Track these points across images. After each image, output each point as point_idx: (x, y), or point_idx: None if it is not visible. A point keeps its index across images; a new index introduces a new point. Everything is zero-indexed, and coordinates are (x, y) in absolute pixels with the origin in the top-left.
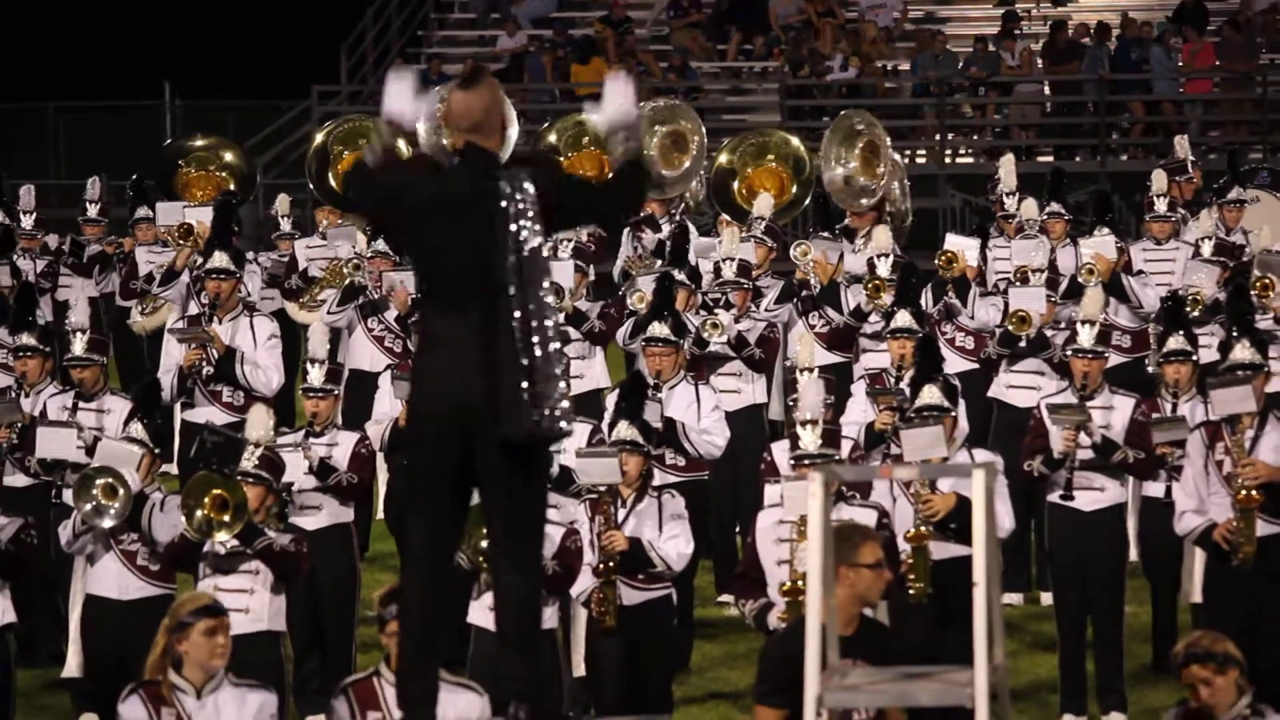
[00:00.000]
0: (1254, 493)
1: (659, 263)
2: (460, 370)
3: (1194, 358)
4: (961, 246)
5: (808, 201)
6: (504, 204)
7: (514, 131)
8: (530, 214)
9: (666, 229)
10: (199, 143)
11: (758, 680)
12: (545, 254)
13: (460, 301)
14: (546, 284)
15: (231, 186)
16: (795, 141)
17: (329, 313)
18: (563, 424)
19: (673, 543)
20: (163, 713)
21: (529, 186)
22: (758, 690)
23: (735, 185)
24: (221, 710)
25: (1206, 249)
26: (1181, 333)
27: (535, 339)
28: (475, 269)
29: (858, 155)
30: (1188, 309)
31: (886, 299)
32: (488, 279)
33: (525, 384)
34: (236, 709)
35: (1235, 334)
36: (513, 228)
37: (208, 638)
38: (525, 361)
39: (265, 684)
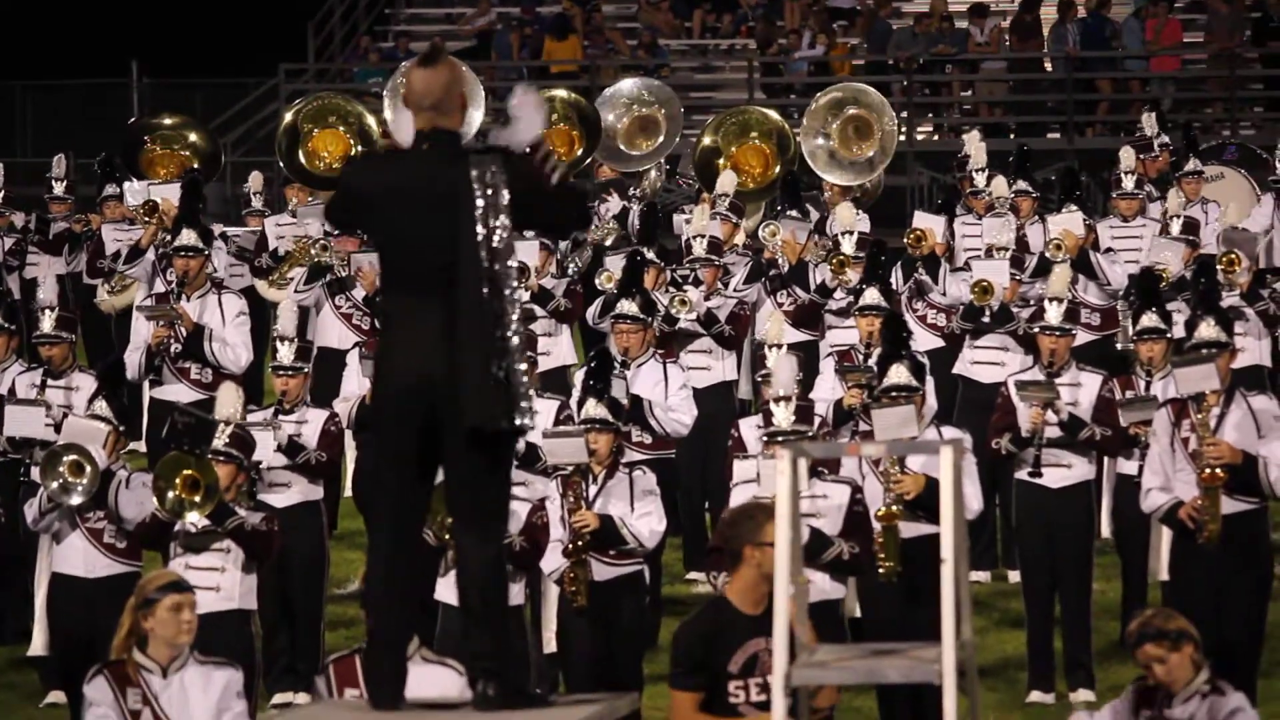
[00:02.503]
0: (1219, 471)
1: (617, 230)
2: (423, 350)
3: (1168, 335)
4: (929, 224)
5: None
6: (475, 192)
7: (478, 113)
8: (501, 205)
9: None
10: (167, 121)
11: (672, 664)
12: (513, 244)
13: (424, 286)
14: (514, 274)
15: (196, 165)
16: (775, 115)
17: (296, 291)
18: (528, 419)
19: (645, 520)
20: (128, 693)
21: (501, 177)
22: (672, 675)
23: (720, 163)
24: (188, 689)
25: (1175, 227)
26: (1155, 310)
27: (502, 331)
28: (441, 255)
29: (837, 130)
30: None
31: (851, 275)
32: (454, 267)
33: (491, 377)
34: (203, 687)
35: (1200, 311)
36: (481, 217)
37: (173, 614)
38: (491, 354)
39: (231, 661)
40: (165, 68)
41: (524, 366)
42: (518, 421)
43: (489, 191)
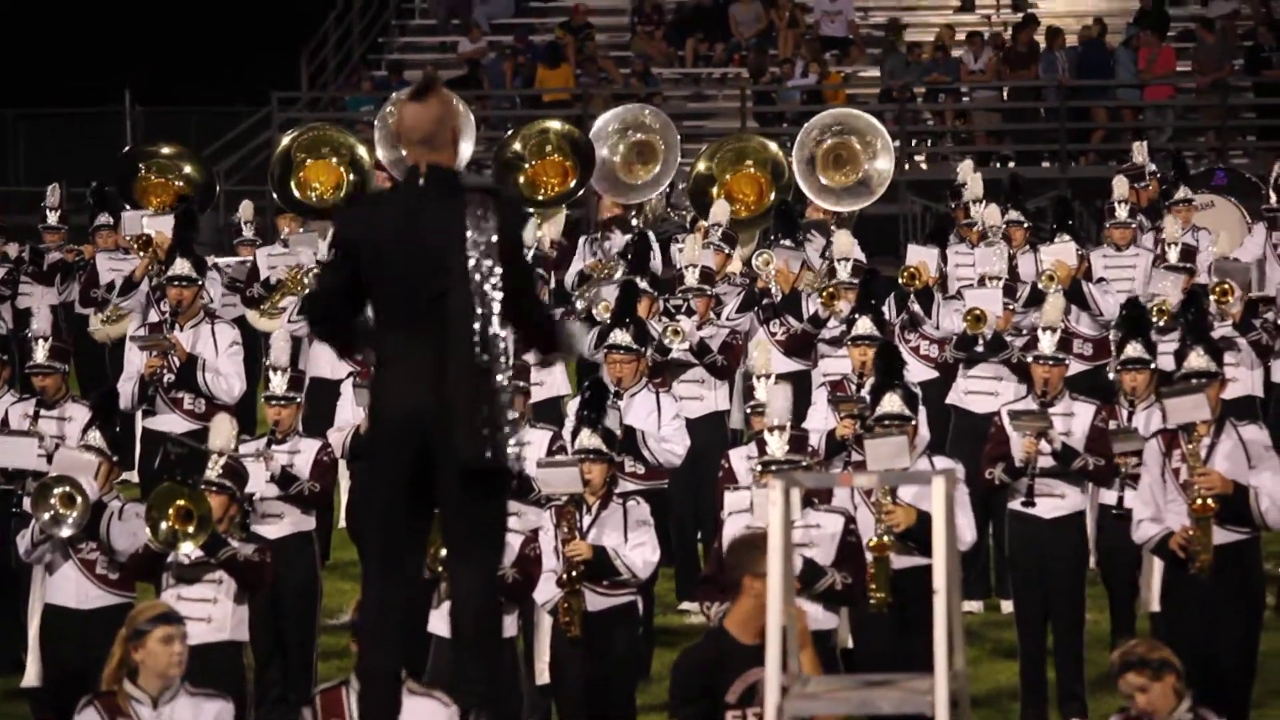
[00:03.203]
0: (1210, 501)
1: (621, 265)
2: (416, 385)
3: (1152, 365)
4: (922, 258)
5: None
6: (467, 227)
7: (468, 147)
8: (492, 242)
9: (620, 239)
10: (164, 150)
11: (670, 695)
12: (501, 284)
13: (417, 322)
14: (502, 314)
15: (190, 195)
16: (773, 147)
17: (290, 321)
18: (513, 458)
19: (639, 550)
20: None
21: (492, 218)
22: (671, 705)
23: (714, 191)
24: (178, 718)
25: (1172, 255)
26: (1140, 340)
27: (490, 368)
28: (433, 291)
29: (823, 153)
30: (1152, 317)
31: (842, 305)
32: (444, 305)
33: (477, 415)
34: (193, 718)
35: (1189, 341)
36: (472, 259)
37: (164, 645)
38: (479, 392)
39: (221, 693)
40: (158, 96)
41: (512, 403)
42: (503, 460)
43: (480, 228)
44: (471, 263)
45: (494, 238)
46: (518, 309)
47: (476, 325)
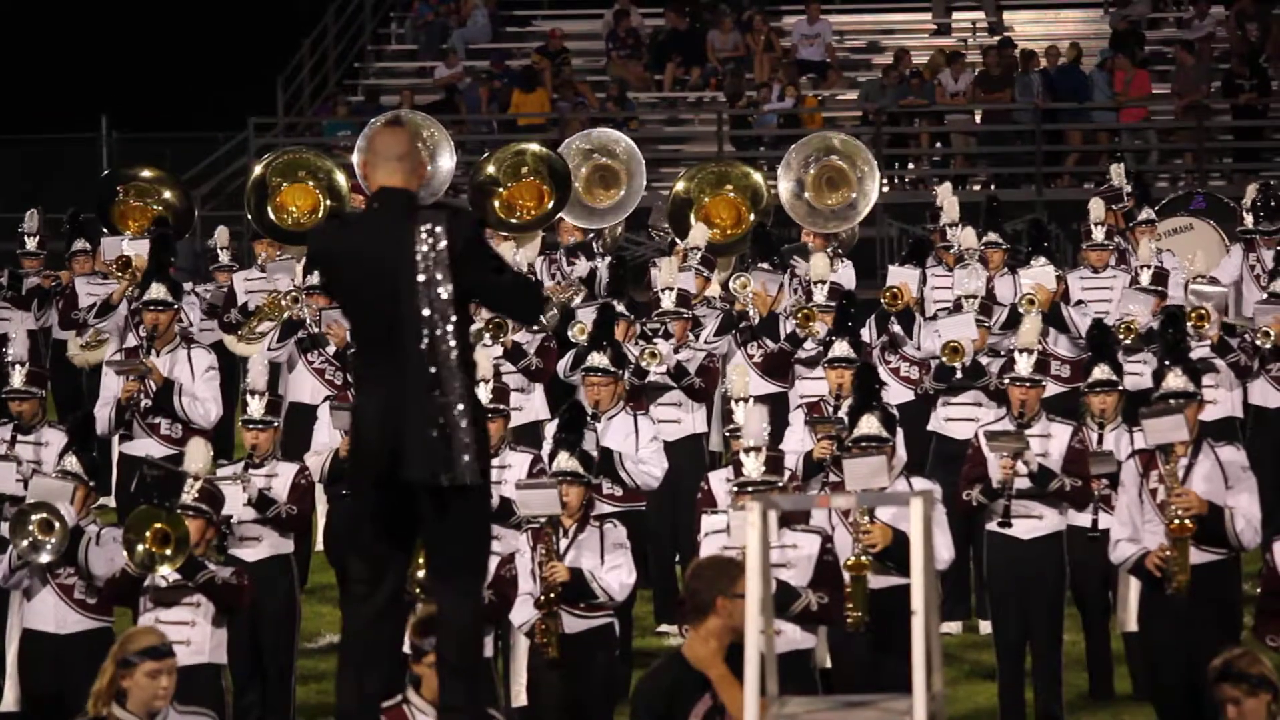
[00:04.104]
0: (1187, 522)
1: (583, 291)
2: (384, 409)
3: (1120, 387)
4: (904, 279)
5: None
6: (417, 250)
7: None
8: (443, 260)
9: (585, 264)
10: (144, 174)
11: (631, 718)
12: (456, 302)
13: (382, 345)
14: (455, 331)
15: (167, 219)
16: (756, 176)
17: (270, 348)
18: (467, 475)
19: (615, 573)
20: None
21: (441, 233)
22: None
23: (691, 214)
24: None
25: (1145, 277)
26: (1106, 363)
27: (441, 388)
28: (390, 315)
29: (812, 177)
30: (1121, 338)
31: (818, 326)
32: (400, 325)
33: (433, 432)
34: None
35: (1168, 362)
36: (422, 277)
37: (151, 679)
38: (428, 410)
39: (208, 712)
40: (135, 122)
41: (465, 423)
42: (456, 478)
43: (430, 247)
44: (423, 279)
45: (442, 248)
46: (489, 302)
47: (425, 341)
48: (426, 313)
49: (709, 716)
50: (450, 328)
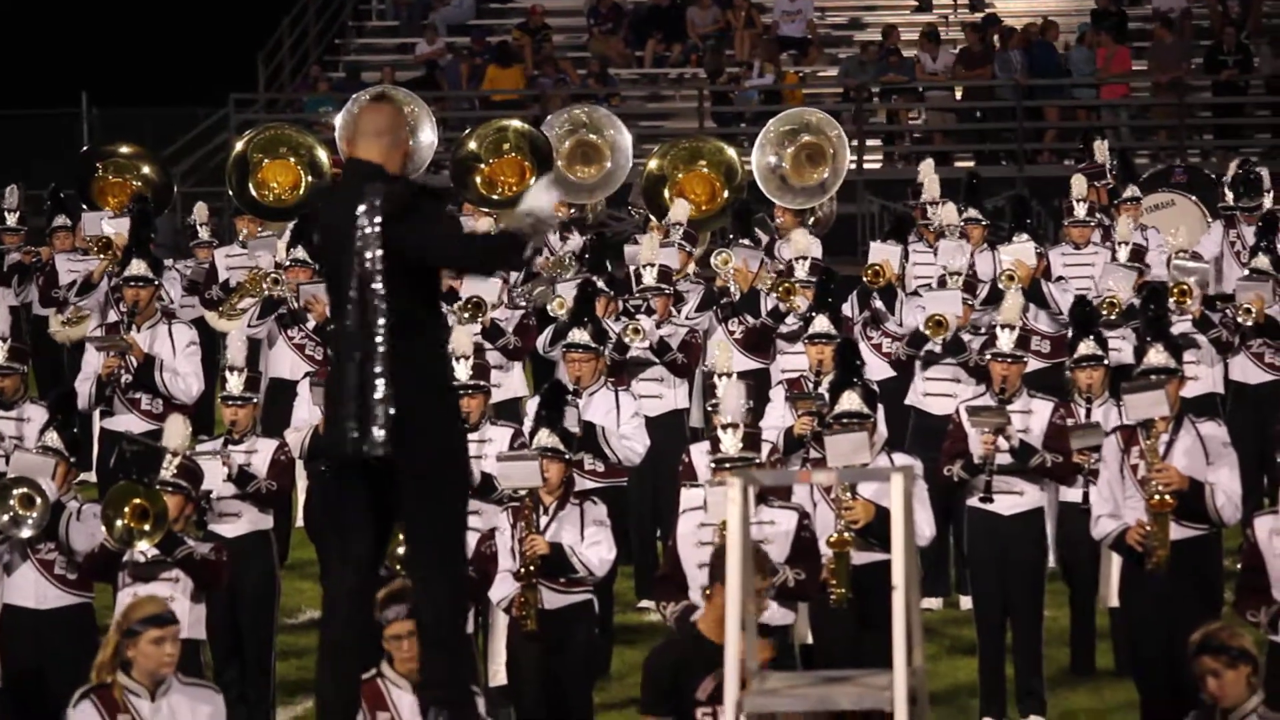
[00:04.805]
0: (1167, 497)
1: (575, 266)
2: (345, 384)
3: (1105, 362)
4: (885, 255)
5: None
6: (357, 221)
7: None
8: (376, 232)
9: (578, 239)
10: (122, 149)
11: (642, 691)
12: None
13: (341, 317)
14: (387, 297)
15: (147, 195)
16: (730, 151)
17: (250, 325)
18: (379, 449)
19: (595, 549)
20: (118, 718)
21: (379, 202)
22: (642, 701)
23: (665, 190)
24: (177, 713)
25: (1123, 253)
26: (1092, 337)
27: (370, 359)
28: (341, 286)
29: (791, 155)
30: (1104, 313)
31: (799, 302)
32: (342, 294)
33: (353, 405)
34: (190, 713)
35: (1149, 338)
36: (359, 244)
37: (156, 646)
38: (359, 379)
39: (211, 684)
40: (115, 98)
41: (384, 394)
42: (370, 451)
43: (366, 213)
44: (359, 245)
45: (376, 213)
46: (441, 259)
47: (356, 311)
48: (358, 279)
49: (714, 696)
50: (380, 292)
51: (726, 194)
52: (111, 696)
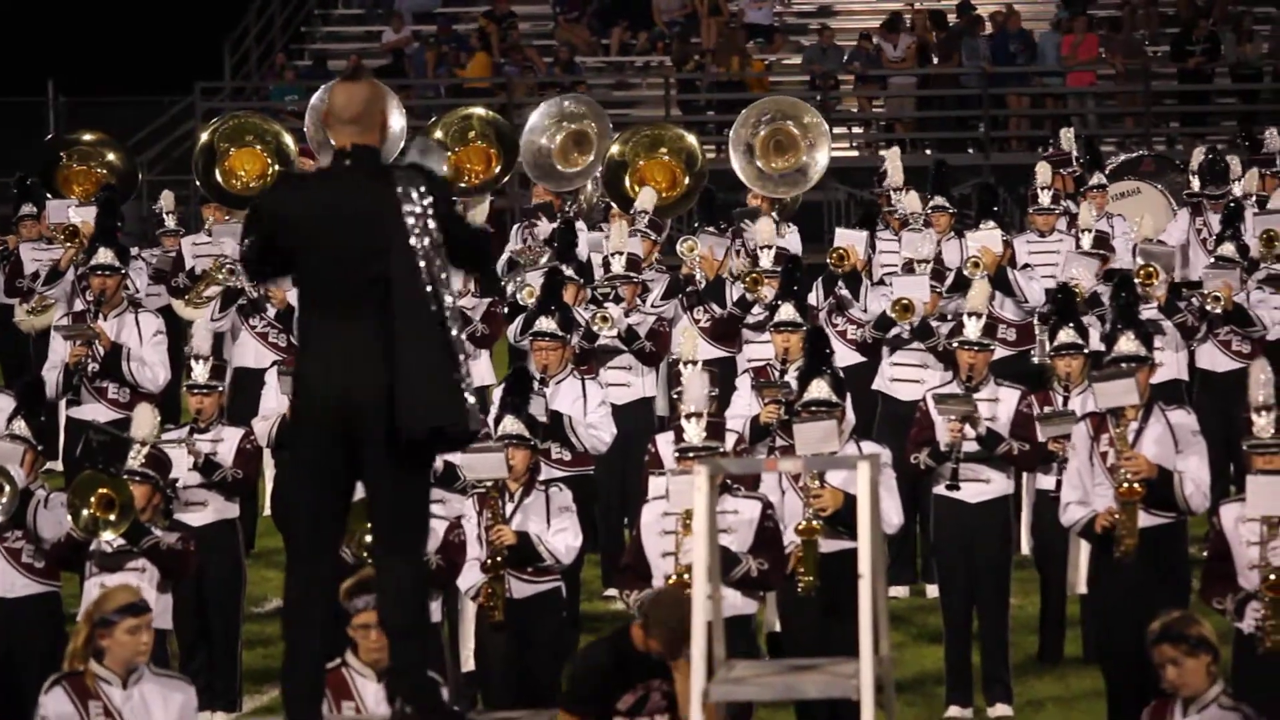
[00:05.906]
0: (1136, 485)
1: (548, 253)
2: (348, 367)
3: (1085, 351)
4: (851, 241)
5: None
6: (403, 206)
7: (397, 128)
8: (430, 219)
9: (547, 225)
10: (85, 137)
11: (567, 687)
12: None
13: (349, 303)
14: (449, 284)
15: (112, 183)
16: (691, 139)
17: (212, 319)
18: (472, 422)
19: (561, 536)
20: (89, 705)
21: (424, 190)
22: (565, 697)
23: (626, 177)
24: (148, 702)
25: (1086, 241)
26: (1072, 325)
27: (450, 338)
28: (369, 271)
29: (760, 140)
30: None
31: (766, 291)
32: (385, 282)
33: (449, 381)
34: (162, 703)
35: (1119, 326)
36: (414, 229)
37: (131, 635)
38: (448, 360)
39: (183, 675)
40: (82, 86)
41: (461, 373)
42: (464, 425)
43: (418, 206)
44: (412, 239)
45: (429, 208)
46: (470, 262)
47: (432, 299)
48: (425, 266)
49: (634, 709)
50: (443, 283)
51: (688, 181)
52: (83, 684)
